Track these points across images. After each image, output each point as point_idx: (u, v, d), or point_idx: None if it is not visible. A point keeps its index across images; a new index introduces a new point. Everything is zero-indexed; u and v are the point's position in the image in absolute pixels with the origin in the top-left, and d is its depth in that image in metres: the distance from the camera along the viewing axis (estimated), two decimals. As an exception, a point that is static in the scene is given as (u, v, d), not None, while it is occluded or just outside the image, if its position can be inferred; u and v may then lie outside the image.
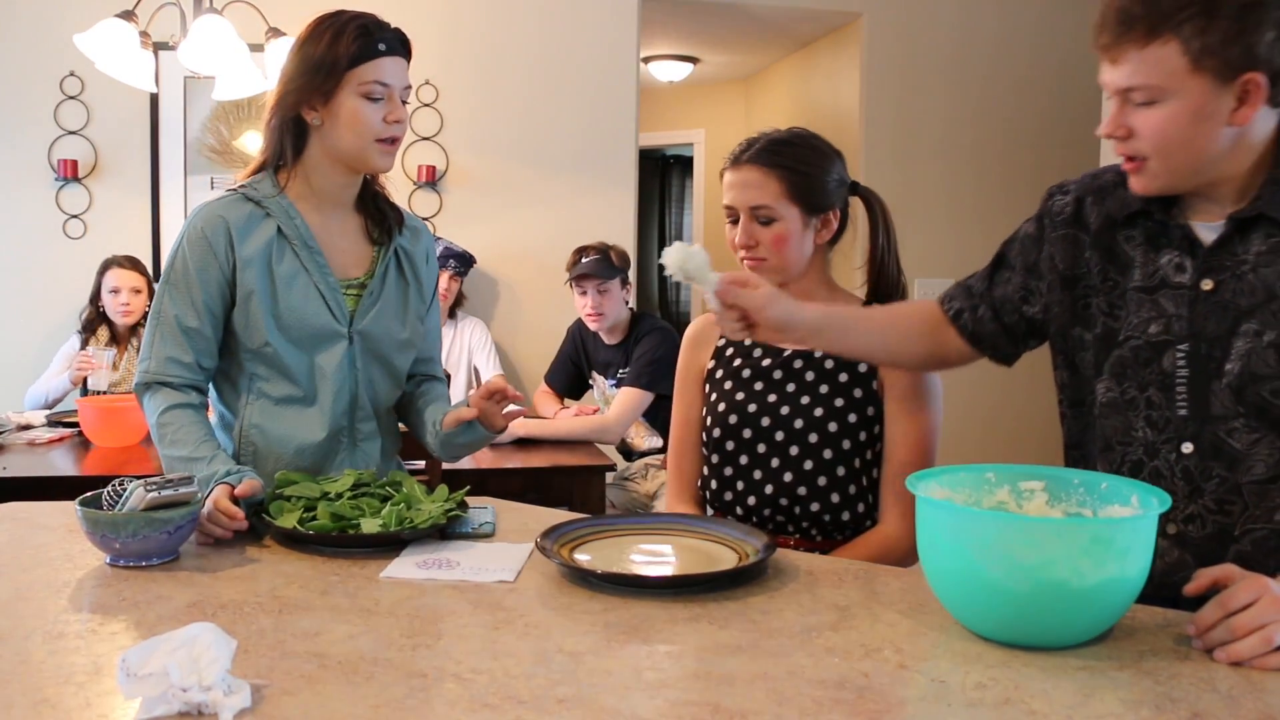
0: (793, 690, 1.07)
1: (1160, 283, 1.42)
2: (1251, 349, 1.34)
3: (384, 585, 1.42)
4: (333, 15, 1.83)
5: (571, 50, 4.66)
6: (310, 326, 1.85)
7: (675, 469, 2.02)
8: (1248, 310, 1.35)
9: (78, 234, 4.35)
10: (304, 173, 1.89)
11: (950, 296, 1.68)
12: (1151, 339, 1.42)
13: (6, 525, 1.70)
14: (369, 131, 1.81)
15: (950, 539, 1.20)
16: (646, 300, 8.67)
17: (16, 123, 4.28)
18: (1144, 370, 1.43)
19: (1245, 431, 1.36)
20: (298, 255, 1.85)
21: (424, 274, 2.03)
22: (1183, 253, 1.41)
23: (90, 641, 1.19)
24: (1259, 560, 1.34)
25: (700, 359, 2.00)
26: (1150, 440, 1.42)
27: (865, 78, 5.29)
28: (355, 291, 1.91)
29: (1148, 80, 1.30)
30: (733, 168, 1.86)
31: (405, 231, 2.00)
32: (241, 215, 1.84)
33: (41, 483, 2.79)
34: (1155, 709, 1.04)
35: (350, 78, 1.79)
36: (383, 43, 1.82)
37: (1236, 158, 1.35)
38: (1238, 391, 1.35)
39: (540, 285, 4.64)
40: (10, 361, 4.27)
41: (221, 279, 1.82)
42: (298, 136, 1.87)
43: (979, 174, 5.32)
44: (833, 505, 1.84)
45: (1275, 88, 1.30)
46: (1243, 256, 1.36)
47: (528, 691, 1.06)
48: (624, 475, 3.69)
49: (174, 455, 1.78)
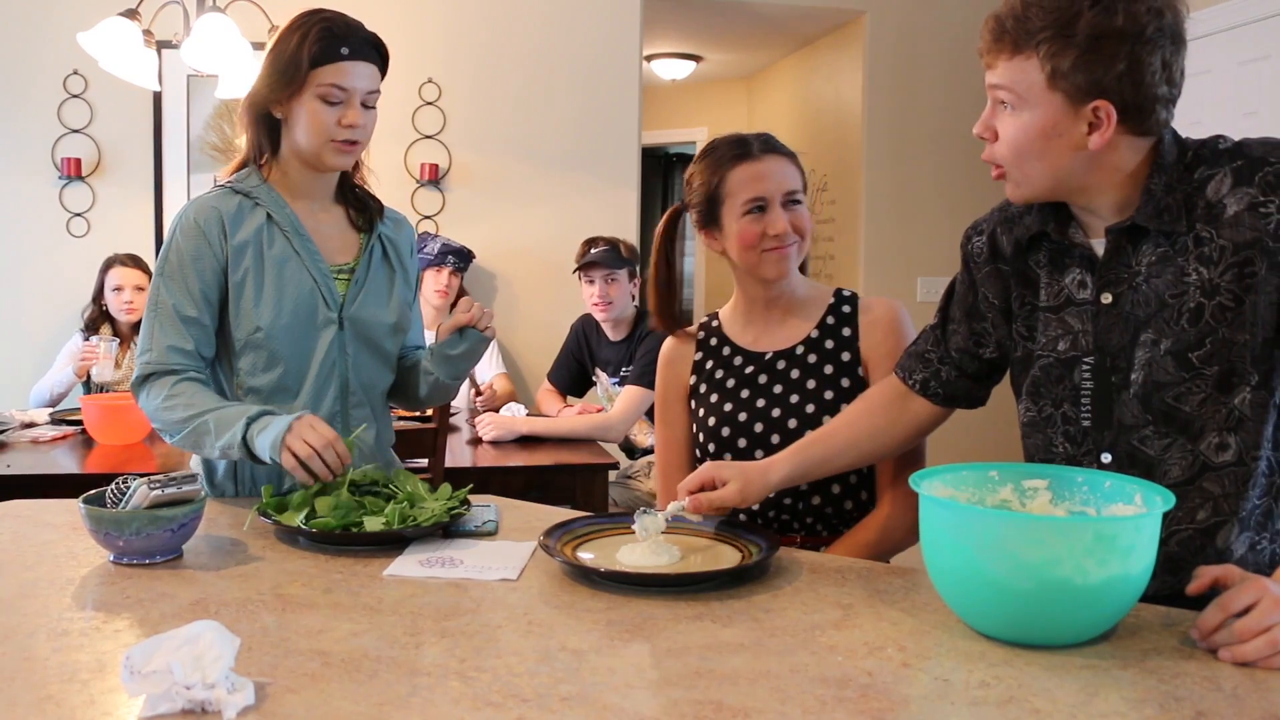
0: (796, 688, 1.07)
1: (1066, 301, 1.46)
2: (1151, 358, 1.37)
3: (387, 583, 1.42)
4: (306, 15, 1.84)
5: (574, 48, 4.66)
6: (302, 311, 1.86)
7: (664, 491, 2.00)
8: (1145, 320, 1.38)
9: (81, 232, 4.35)
10: (282, 166, 1.92)
11: (909, 370, 1.69)
12: (1061, 356, 1.46)
13: (10, 523, 1.70)
14: (323, 133, 1.83)
15: (954, 537, 1.20)
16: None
17: (20, 121, 4.29)
18: (1056, 387, 1.47)
19: (1156, 438, 1.39)
20: (289, 241, 1.87)
21: (409, 263, 2.06)
22: (1083, 269, 1.44)
23: (94, 639, 1.19)
24: (1187, 560, 1.36)
25: (679, 378, 1.98)
26: (1070, 454, 1.46)
27: (868, 76, 5.29)
28: (345, 276, 1.93)
29: (1012, 85, 1.36)
30: (758, 158, 1.84)
31: (387, 221, 2.03)
32: (232, 205, 1.86)
33: (45, 480, 2.79)
34: (1159, 708, 1.04)
35: (311, 79, 1.80)
36: (346, 46, 1.82)
37: (1101, 178, 1.38)
38: (1144, 400, 1.38)
39: (543, 284, 4.65)
40: (13, 359, 4.28)
41: (216, 267, 1.84)
42: (272, 130, 1.90)
43: (980, 172, 5.25)
44: (834, 496, 1.84)
45: (1130, 117, 1.33)
46: (1136, 268, 1.39)
47: (531, 690, 1.06)
48: (626, 473, 3.68)
49: (196, 411, 1.76)
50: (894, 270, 5.33)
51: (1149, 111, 1.33)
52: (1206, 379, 1.35)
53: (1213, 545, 1.38)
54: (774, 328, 1.92)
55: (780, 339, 1.91)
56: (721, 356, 1.94)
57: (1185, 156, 1.38)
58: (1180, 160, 1.37)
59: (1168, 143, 1.38)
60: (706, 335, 1.98)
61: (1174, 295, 1.36)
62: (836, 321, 1.89)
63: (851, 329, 1.88)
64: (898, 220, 5.36)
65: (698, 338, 1.98)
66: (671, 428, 1.98)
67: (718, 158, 1.86)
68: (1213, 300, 1.33)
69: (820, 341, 1.88)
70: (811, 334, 1.89)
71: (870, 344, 1.87)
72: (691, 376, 1.96)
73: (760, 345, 1.92)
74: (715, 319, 2.00)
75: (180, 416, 1.78)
